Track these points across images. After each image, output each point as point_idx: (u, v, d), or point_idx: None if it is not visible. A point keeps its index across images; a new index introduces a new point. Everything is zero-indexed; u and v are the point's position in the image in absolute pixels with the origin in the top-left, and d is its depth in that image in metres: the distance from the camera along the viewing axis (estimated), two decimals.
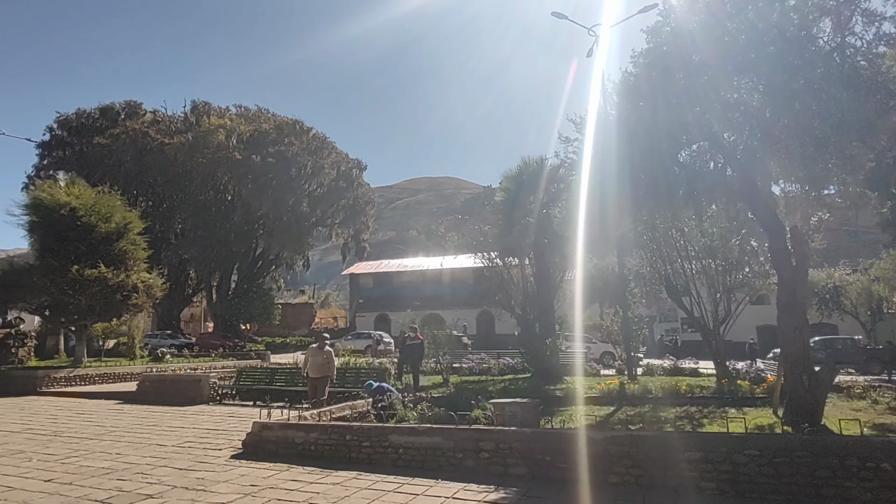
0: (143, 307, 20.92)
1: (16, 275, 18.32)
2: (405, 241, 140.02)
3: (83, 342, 19.89)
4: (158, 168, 38.00)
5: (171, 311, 40.68)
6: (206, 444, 8.51)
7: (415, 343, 14.22)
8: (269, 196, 38.94)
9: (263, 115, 43.44)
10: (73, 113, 42.16)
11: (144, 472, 6.75)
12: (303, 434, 7.59)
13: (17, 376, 17.09)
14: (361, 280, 50.17)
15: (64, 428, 10.17)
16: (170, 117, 43.25)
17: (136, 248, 20.14)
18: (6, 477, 6.52)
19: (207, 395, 13.82)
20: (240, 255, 41.73)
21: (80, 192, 19.69)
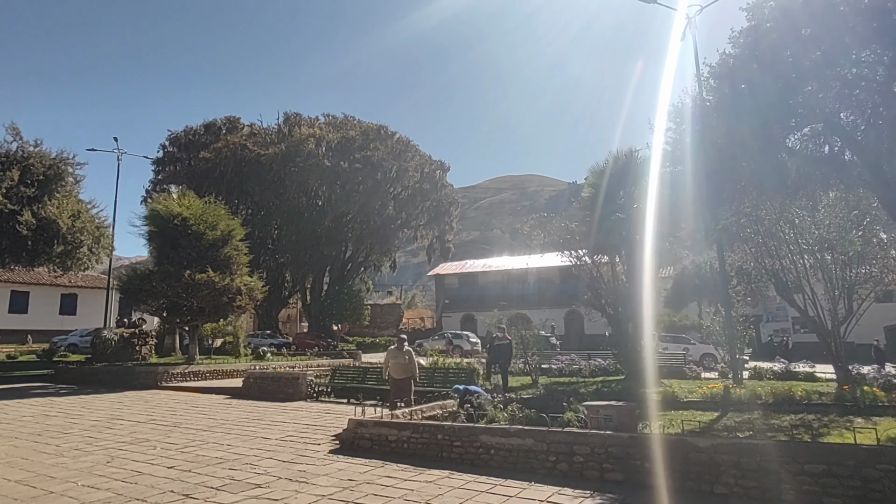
0: (246, 308, 22.39)
1: (138, 280, 20.26)
2: (489, 241, 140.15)
3: (195, 341, 21.62)
4: (256, 178, 40.55)
5: (269, 312, 43.24)
6: (305, 438, 8.92)
7: (503, 343, 14.11)
8: (357, 200, 40.38)
9: (350, 122, 45.10)
10: (181, 130, 46.02)
11: (252, 462, 7.18)
12: (395, 432, 7.75)
13: (141, 372, 18.89)
14: (447, 280, 50.71)
15: (181, 420, 11.08)
16: (265, 129, 46.02)
17: (239, 254, 21.61)
18: (136, 463, 7.19)
19: (305, 392, 14.51)
20: (331, 257, 43.57)
21: (190, 202, 21.44)
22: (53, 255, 19.17)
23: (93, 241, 20.40)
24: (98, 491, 5.89)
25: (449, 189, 48.85)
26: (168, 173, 43.08)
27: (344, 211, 41.49)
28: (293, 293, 47.31)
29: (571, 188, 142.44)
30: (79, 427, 10.18)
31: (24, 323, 38.23)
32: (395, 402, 10.17)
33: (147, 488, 5.99)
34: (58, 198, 19.35)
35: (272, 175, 40.07)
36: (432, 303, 65.24)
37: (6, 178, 17.88)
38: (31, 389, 17.41)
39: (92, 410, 12.52)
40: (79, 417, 11.44)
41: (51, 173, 19.21)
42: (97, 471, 6.78)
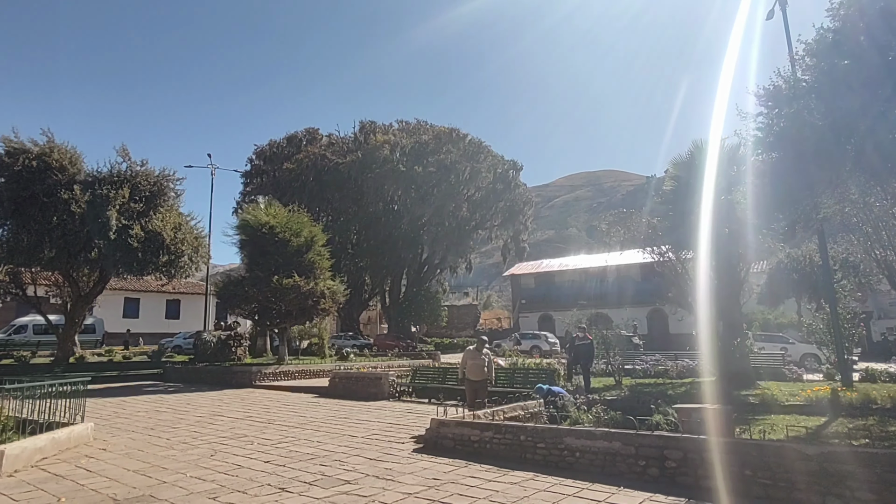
0: (330, 311, 23.31)
1: (232, 286, 21.66)
2: (565, 240, 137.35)
3: (285, 342, 22.78)
4: (335, 185, 42.15)
5: (351, 314, 44.76)
6: (390, 437, 9.14)
7: (584, 343, 13.79)
8: (432, 203, 40.95)
9: (422, 127, 45.82)
10: (266, 144, 48.72)
11: (341, 459, 7.46)
12: (478, 432, 7.77)
13: (237, 371, 20.15)
14: (523, 281, 50.26)
15: (275, 417, 11.70)
16: (342, 139, 47.73)
17: (322, 259, 22.55)
18: (236, 457, 7.68)
19: (387, 391, 14.89)
20: (408, 260, 44.44)
21: (276, 212, 22.65)
22: (159, 264, 20.90)
23: (192, 250, 22.03)
24: (204, 482, 6.33)
25: (522, 189, 48.41)
26: (255, 185, 45.68)
27: (419, 214, 42.20)
28: (373, 296, 48.68)
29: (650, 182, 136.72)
30: (185, 422, 11.01)
31: (135, 326, 41.98)
32: (475, 403, 10.21)
33: (247, 481, 6.37)
34: (161, 212, 21.09)
35: (350, 182, 41.49)
36: (508, 303, 64.84)
37: (119, 195, 19.71)
38: (143, 387, 19.05)
39: (196, 407, 13.51)
40: (185, 413, 12.37)
41: (155, 189, 20.98)
42: (203, 463, 7.29)
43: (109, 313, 37.73)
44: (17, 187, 19.09)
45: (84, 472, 6.83)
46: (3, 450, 6.59)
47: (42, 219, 18.82)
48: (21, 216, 19.16)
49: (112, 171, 20.81)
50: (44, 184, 19.07)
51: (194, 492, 5.93)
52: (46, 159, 19.38)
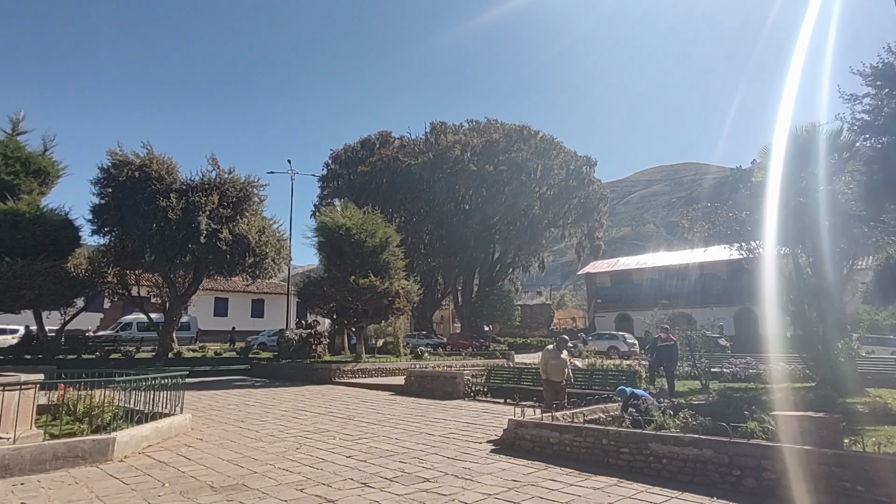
0: (404, 310, 23.73)
1: (312, 286, 22.55)
2: (642, 237, 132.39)
3: (361, 341, 23.43)
4: (407, 186, 42.92)
5: (424, 313, 45.39)
6: (466, 436, 9.14)
7: (667, 344, 13.17)
8: (503, 202, 40.73)
9: (493, 126, 45.68)
10: (341, 149, 50.47)
11: (420, 457, 7.53)
12: (557, 434, 7.59)
13: (318, 368, 20.95)
14: (598, 279, 48.88)
15: (354, 413, 12.04)
16: (413, 141, 48.52)
17: (396, 259, 22.98)
18: (320, 451, 7.95)
19: (462, 390, 14.91)
20: (480, 259, 44.46)
21: (352, 213, 23.34)
22: (246, 265, 22.17)
23: (275, 252, 23.18)
24: (291, 474, 6.60)
25: (597, 185, 47.13)
26: (332, 188, 47.39)
27: (491, 213, 42.11)
28: (445, 295, 49.12)
29: (736, 174, 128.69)
30: (272, 416, 11.56)
31: (225, 324, 44.75)
32: (553, 404, 10.00)
33: (331, 475, 6.57)
34: (247, 216, 22.32)
35: (422, 183, 42.08)
36: (583, 302, 63.32)
37: (209, 202, 21.06)
38: (233, 382, 20.23)
39: (281, 402, 14.16)
40: (271, 407, 13.00)
41: (241, 195, 22.23)
42: (289, 456, 7.61)
43: (202, 312, 40.43)
44: (122, 197, 20.87)
45: (184, 459, 7.31)
46: (115, 437, 7.19)
47: (143, 225, 20.43)
48: (125, 224, 20.92)
49: (203, 178, 22.27)
50: (144, 193, 20.71)
51: (283, 483, 6.19)
52: (147, 170, 21.03)
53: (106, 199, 21.41)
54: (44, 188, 22.91)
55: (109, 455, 7.02)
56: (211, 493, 5.75)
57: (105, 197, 21.45)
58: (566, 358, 10.78)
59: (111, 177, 21.10)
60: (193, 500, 5.52)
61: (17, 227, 19.90)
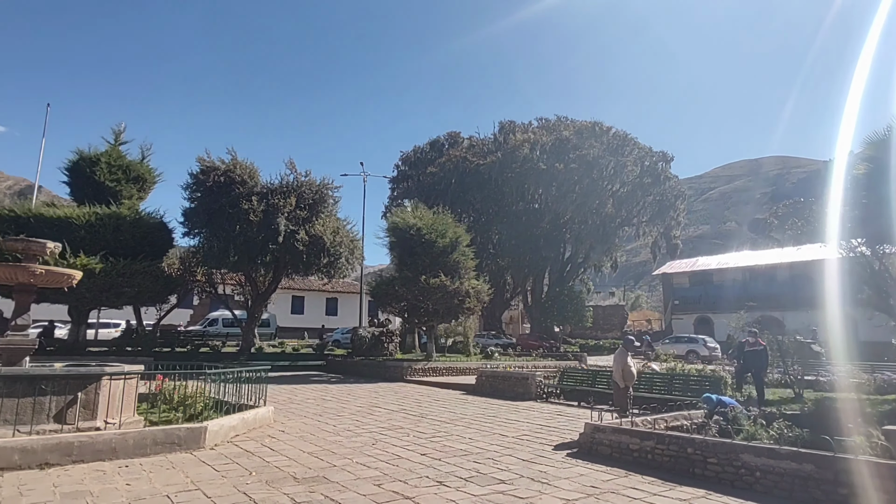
0: (475, 310, 23.72)
1: (384, 285, 23.02)
2: (723, 235, 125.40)
3: (432, 340, 23.66)
4: (476, 186, 42.88)
5: (493, 313, 45.20)
6: (541, 438, 8.97)
7: (756, 349, 12.34)
8: (574, 200, 39.84)
9: (563, 123, 44.79)
10: (410, 150, 51.21)
11: (494, 458, 7.47)
12: (637, 441, 7.29)
13: (390, 366, 21.35)
14: (675, 280, 46.80)
15: (427, 411, 12.14)
16: (482, 141, 48.43)
17: (466, 259, 23.02)
18: (395, 447, 8.07)
19: (534, 392, 14.69)
20: (550, 259, 43.71)
21: (422, 214, 23.61)
22: (321, 265, 22.96)
23: (349, 252, 23.85)
24: (369, 469, 6.73)
25: (673, 181, 45.07)
26: (401, 189, 48.18)
27: (561, 212, 41.33)
28: (514, 295, 48.68)
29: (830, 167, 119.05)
30: (348, 411, 11.88)
31: (300, 322, 46.65)
32: (626, 409, 9.65)
33: (406, 472, 6.64)
34: (322, 218, 23.10)
35: (490, 183, 41.92)
36: (659, 304, 60.82)
37: (287, 204, 21.99)
38: (310, 377, 21.02)
39: (356, 398, 14.53)
40: (346, 403, 13.37)
41: (317, 197, 23.04)
42: (366, 451, 7.77)
43: (280, 310, 42.33)
44: (209, 201, 22.18)
45: (268, 450, 7.64)
46: (207, 426, 7.63)
47: (228, 227, 21.62)
48: (212, 226, 22.20)
49: (281, 182, 23.26)
50: (229, 196, 21.90)
51: (361, 477, 6.32)
52: (231, 175, 22.24)
53: (195, 203, 22.83)
54: (142, 193, 24.76)
55: (201, 443, 7.46)
56: (294, 484, 5.96)
57: (194, 201, 22.88)
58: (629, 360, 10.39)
59: (199, 182, 22.47)
60: (278, 489, 5.74)
61: (120, 229, 21.62)
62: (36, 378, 6.94)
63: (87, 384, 7.25)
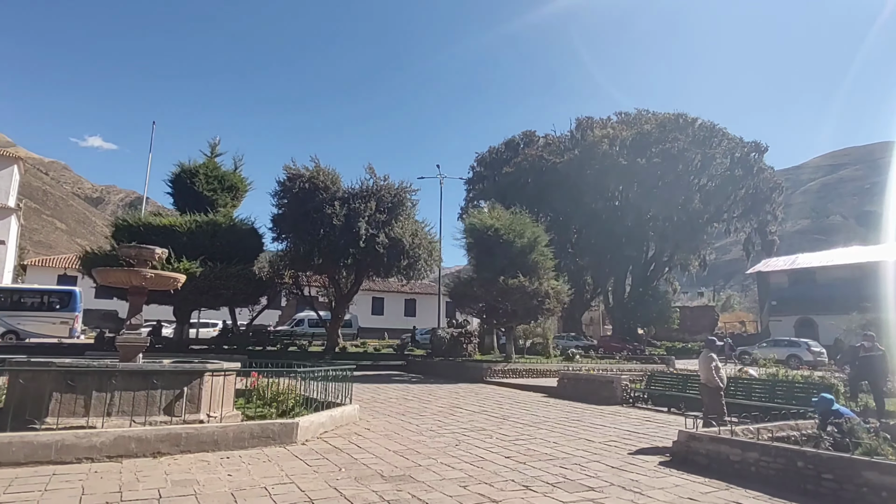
0: (555, 311, 23.26)
1: (462, 286, 23.10)
2: (825, 230, 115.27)
3: (511, 341, 23.45)
4: (553, 185, 42.10)
5: (573, 314, 44.15)
6: (629, 445, 8.60)
7: (874, 355, 11.18)
8: (657, 197, 38.11)
9: (644, 117, 43.03)
10: (486, 151, 51.17)
11: (581, 464, 7.23)
12: (738, 451, 6.79)
13: (469, 367, 21.37)
14: (772, 279, 43.60)
15: (508, 413, 12.02)
16: (558, 138, 47.52)
17: (545, 259, 22.63)
18: (478, 449, 8.02)
19: (620, 396, 14.15)
20: (632, 258, 42.13)
21: (499, 214, 23.47)
22: (401, 267, 23.43)
23: (427, 254, 24.16)
24: (453, 470, 6.72)
25: (768, 173, 42.01)
26: (477, 190, 48.26)
27: (644, 209, 39.70)
28: (595, 296, 47.34)
29: None
30: (429, 411, 12.00)
31: (380, 323, 47.89)
32: (723, 416, 9.02)
33: (491, 474, 6.57)
34: (401, 220, 23.56)
35: (568, 181, 41.03)
36: (753, 304, 56.91)
37: (367, 208, 22.63)
38: (392, 376, 21.47)
39: (436, 398, 14.65)
40: (428, 403, 13.51)
41: (396, 201, 23.53)
42: (449, 451, 7.78)
43: (361, 311, 43.66)
44: (295, 207, 23.26)
45: (355, 447, 7.84)
46: (299, 422, 7.95)
47: (313, 232, 22.58)
48: (298, 230, 23.27)
49: (362, 186, 23.97)
50: (313, 202, 22.86)
51: (446, 478, 6.32)
52: (315, 181, 23.20)
53: (282, 209, 24.03)
54: (235, 201, 26.43)
55: (293, 438, 7.78)
56: (382, 482, 6.06)
57: (282, 207, 24.09)
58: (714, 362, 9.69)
59: (286, 189, 23.64)
60: (367, 486, 5.86)
61: (216, 235, 23.18)
62: (149, 373, 7.53)
63: (192, 379, 7.78)
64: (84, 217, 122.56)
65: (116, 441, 6.53)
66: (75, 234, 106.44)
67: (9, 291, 28.01)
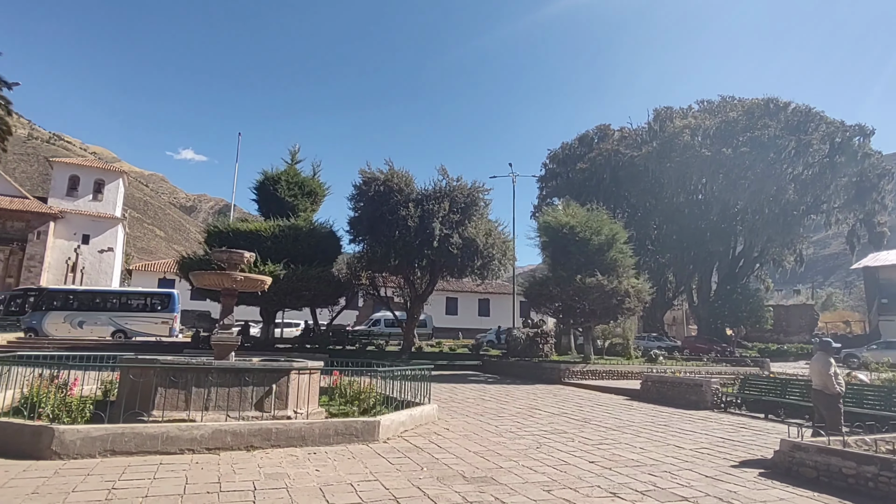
0: (635, 311, 22.36)
1: (537, 285, 22.73)
2: None
3: (590, 341, 22.79)
4: (630, 180, 40.59)
5: (653, 314, 42.34)
6: (723, 453, 8.07)
7: None
8: (746, 188, 35.74)
9: (729, 104, 40.52)
10: (558, 148, 50.13)
11: (671, 471, 6.86)
12: (853, 465, 6.17)
13: (546, 367, 20.98)
14: (882, 274, 39.71)
15: (589, 416, 11.65)
16: (635, 131, 45.73)
17: (624, 257, 21.82)
18: (560, 452, 7.82)
19: (710, 400, 13.36)
20: (718, 254, 39.80)
21: (574, 212, 22.89)
22: (475, 267, 23.41)
23: (501, 254, 23.98)
24: (535, 473, 6.58)
25: (875, 158, 38.23)
26: (551, 188, 47.39)
27: (730, 202, 37.37)
28: (677, 294, 45.19)
29: None
30: (507, 412, 11.86)
31: (454, 323, 48.16)
32: (838, 425, 8.24)
33: (575, 479, 6.36)
34: (474, 220, 23.54)
35: (646, 174, 39.42)
36: (859, 303, 52.13)
37: (440, 208, 22.79)
38: (467, 377, 21.48)
39: (514, 399, 14.48)
40: (505, 404, 13.37)
41: (468, 201, 23.54)
42: (530, 454, 7.63)
43: (435, 311, 44.08)
44: (371, 209, 23.86)
45: (435, 447, 7.87)
46: (380, 420, 8.10)
47: (388, 233, 23.04)
48: (374, 232, 23.83)
49: (435, 187, 24.17)
50: (388, 204, 23.33)
51: (529, 481, 6.19)
52: (389, 184, 23.67)
53: (359, 212, 24.71)
54: (314, 206, 27.51)
55: (375, 436, 7.93)
56: (464, 483, 6.03)
57: (358, 210, 24.77)
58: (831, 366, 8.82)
59: (362, 192, 24.28)
60: (449, 487, 5.84)
61: (298, 239, 24.22)
62: (241, 371, 7.94)
63: (280, 377, 8.12)
64: (179, 224, 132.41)
65: (214, 434, 6.93)
66: (172, 240, 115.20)
67: (118, 294, 30.71)
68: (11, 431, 6.52)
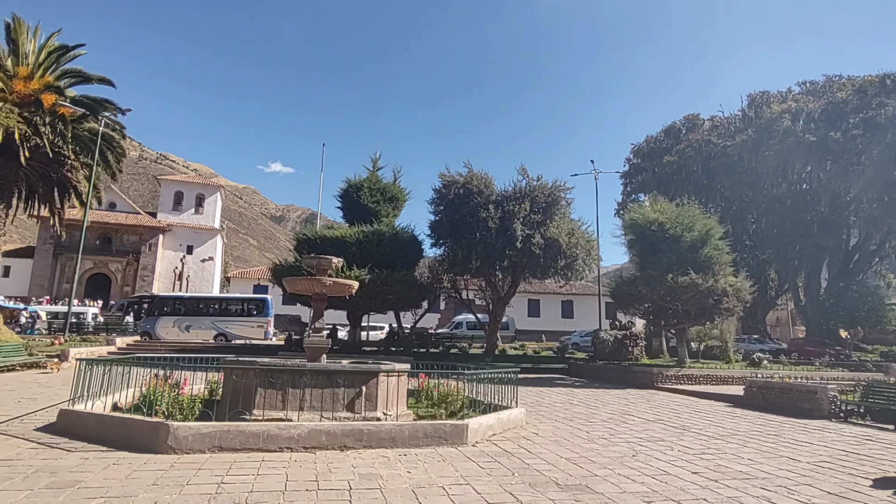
0: (734, 311, 20.88)
1: (625, 285, 21.82)
2: None
3: (684, 344, 21.56)
4: (723, 171, 38.05)
5: (754, 314, 39.39)
6: (848, 468, 7.27)
7: None
8: (860, 174, 32.37)
9: (836, 84, 36.99)
10: (642, 141, 47.96)
11: (787, 486, 6.26)
12: None
13: (637, 371, 20.07)
14: None
15: (688, 423, 10.96)
16: (727, 119, 42.87)
17: (720, 253, 20.47)
18: (658, 461, 7.38)
19: (826, 409, 12.18)
20: (828, 249, 36.34)
21: (663, 207, 21.78)
22: (558, 268, 22.87)
23: (585, 253, 23.26)
24: (633, 483, 6.23)
25: None
26: (636, 184, 45.47)
27: (841, 190, 34.04)
28: (780, 293, 41.83)
29: None
30: (598, 418, 11.42)
31: (536, 325, 47.40)
32: None
33: (678, 490, 5.97)
34: (556, 220, 23.01)
35: (741, 165, 36.79)
36: None
37: (521, 209, 22.49)
38: (553, 380, 21.00)
39: (604, 404, 13.95)
40: (595, 409, 12.89)
41: (550, 200, 23.06)
42: (626, 462, 7.26)
43: (517, 313, 43.61)
44: (451, 212, 23.99)
45: (525, 452, 7.70)
46: (469, 423, 8.04)
47: (469, 236, 23.05)
48: (455, 235, 23.94)
49: (515, 188, 23.90)
50: (468, 206, 23.36)
51: (627, 491, 5.88)
52: (469, 186, 23.70)
53: (439, 216, 24.92)
54: (396, 211, 28.11)
55: (464, 439, 7.88)
56: (557, 490, 5.83)
57: (438, 213, 24.99)
58: None
59: (442, 196, 24.48)
60: (542, 494, 5.67)
61: (381, 244, 24.84)
62: (333, 373, 8.19)
63: (369, 379, 8.29)
64: (270, 233, 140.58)
65: (310, 434, 7.18)
66: (264, 248, 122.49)
67: (219, 300, 32.98)
68: (134, 427, 7.11)
